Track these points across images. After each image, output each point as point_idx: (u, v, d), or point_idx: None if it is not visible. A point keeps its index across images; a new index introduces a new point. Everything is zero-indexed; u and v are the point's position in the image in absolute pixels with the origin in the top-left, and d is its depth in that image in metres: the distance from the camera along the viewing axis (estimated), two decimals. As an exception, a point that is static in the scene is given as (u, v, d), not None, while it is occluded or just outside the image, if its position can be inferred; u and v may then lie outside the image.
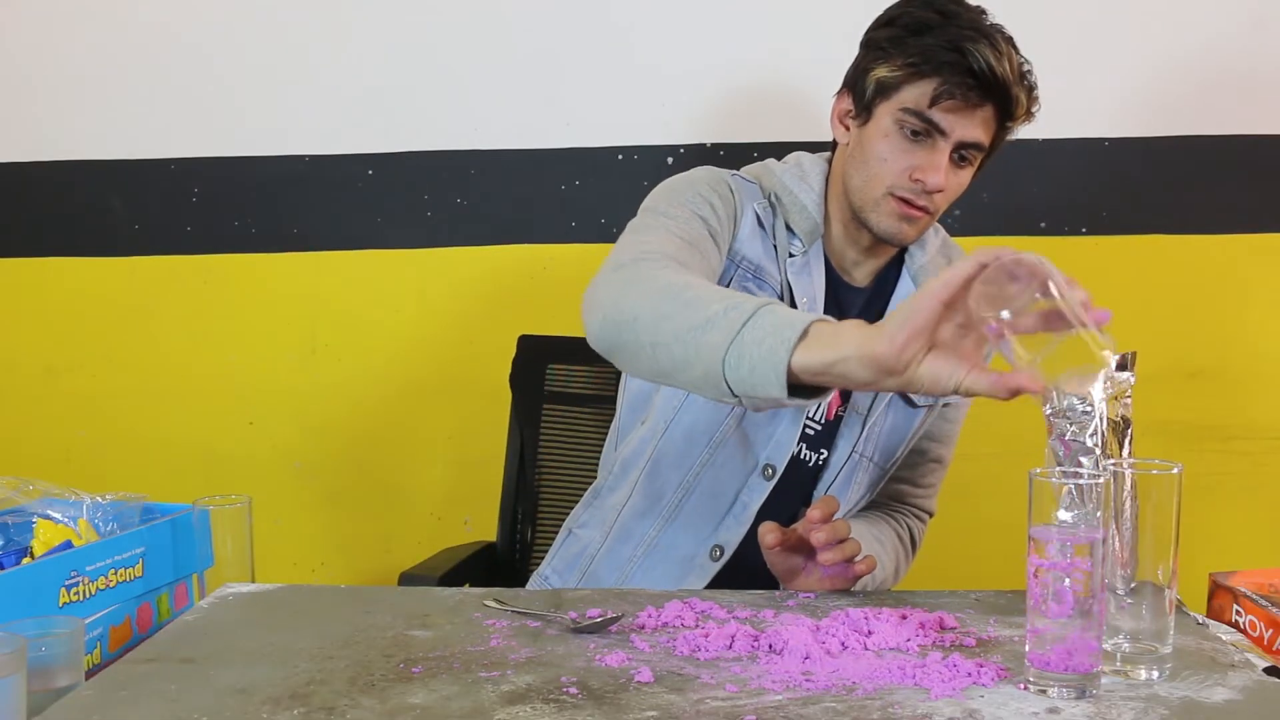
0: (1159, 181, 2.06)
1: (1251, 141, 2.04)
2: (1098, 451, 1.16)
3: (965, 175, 1.41)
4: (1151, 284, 2.07)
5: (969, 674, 1.02)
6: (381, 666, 1.06)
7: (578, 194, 2.10)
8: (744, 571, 1.44)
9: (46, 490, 1.34)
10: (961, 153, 1.38)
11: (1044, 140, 2.05)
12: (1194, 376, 2.08)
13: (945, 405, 1.54)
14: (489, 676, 1.04)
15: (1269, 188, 2.06)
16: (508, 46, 2.08)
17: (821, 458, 1.49)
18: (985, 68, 1.32)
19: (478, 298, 2.13)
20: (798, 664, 1.06)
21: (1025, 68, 1.38)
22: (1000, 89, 1.34)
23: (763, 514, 1.45)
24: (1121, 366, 1.19)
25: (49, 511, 1.29)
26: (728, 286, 1.43)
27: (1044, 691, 0.98)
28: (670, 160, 2.07)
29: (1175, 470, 1.02)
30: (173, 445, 2.18)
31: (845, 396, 1.47)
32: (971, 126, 1.36)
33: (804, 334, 1.05)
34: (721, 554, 1.47)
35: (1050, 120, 2.03)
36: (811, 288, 1.45)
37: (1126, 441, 1.18)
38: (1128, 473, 1.05)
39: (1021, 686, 1.00)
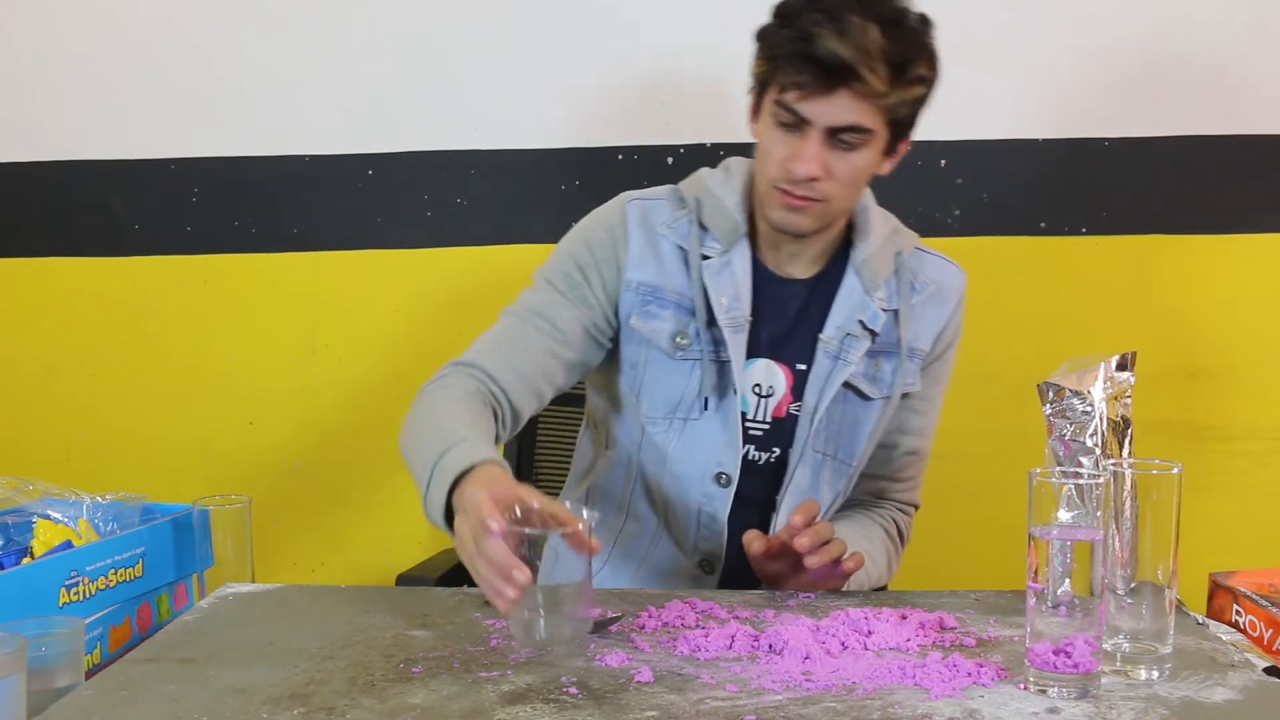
0: (1159, 181, 2.06)
1: (1251, 141, 2.04)
2: (1098, 451, 1.16)
3: (859, 158, 1.36)
4: (1151, 284, 2.07)
5: (969, 674, 1.02)
6: (381, 666, 1.06)
7: (578, 194, 2.10)
8: (735, 579, 1.45)
9: (46, 490, 1.34)
10: (841, 137, 1.34)
11: (1044, 140, 2.05)
12: (1194, 376, 2.08)
13: (905, 396, 1.51)
14: (489, 676, 1.04)
15: (1269, 188, 2.06)
16: (508, 46, 2.08)
17: (774, 456, 1.47)
18: (826, 51, 1.28)
19: (477, 298, 2.13)
20: (798, 664, 1.06)
21: (899, 42, 1.31)
22: (847, 71, 1.29)
23: (733, 519, 1.45)
24: (1121, 366, 1.19)
25: (49, 511, 1.29)
26: (628, 318, 1.44)
27: (1044, 691, 0.98)
28: (670, 160, 2.08)
29: (1175, 470, 1.02)
30: (173, 445, 2.18)
31: (796, 394, 1.46)
32: (837, 111, 1.32)
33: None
34: (712, 567, 1.47)
35: (1051, 120, 2.05)
36: (734, 286, 1.43)
37: (1126, 441, 1.18)
38: (1128, 473, 1.05)
39: (1021, 686, 1.00)
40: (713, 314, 1.42)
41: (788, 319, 1.46)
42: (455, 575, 1.66)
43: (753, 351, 1.45)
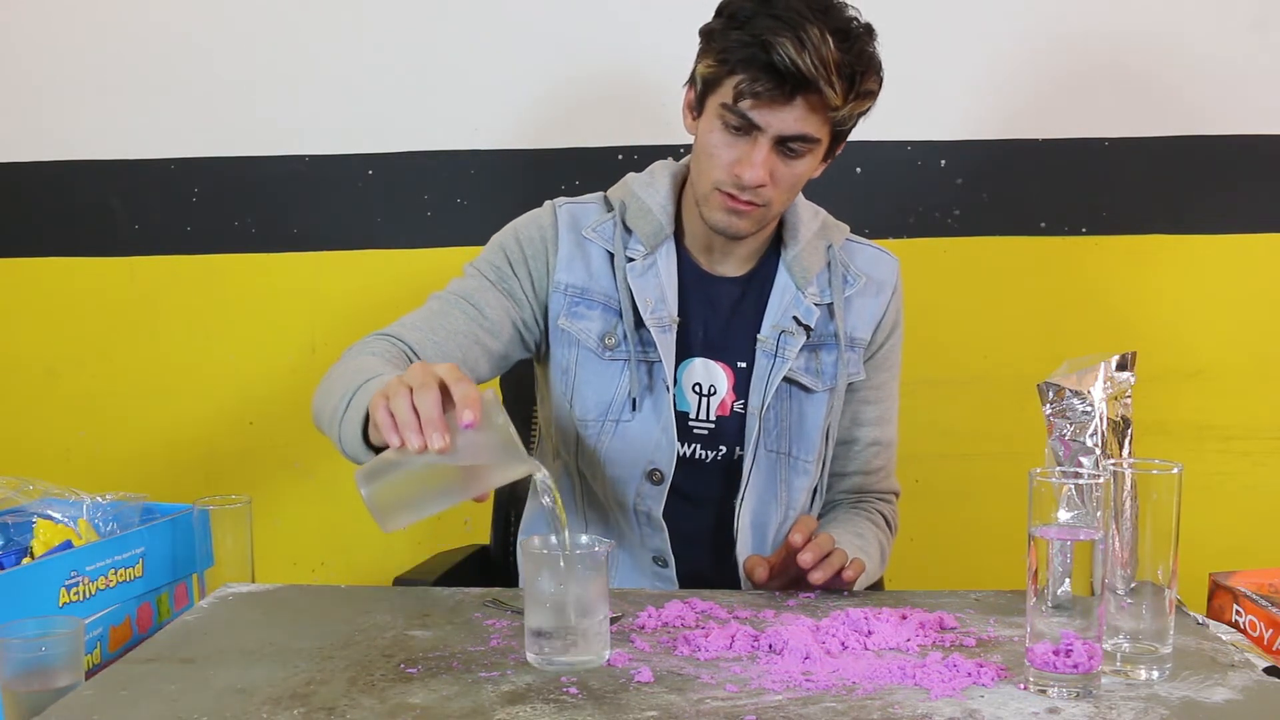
0: (1159, 181, 2.06)
1: (1251, 141, 2.04)
2: (1098, 451, 1.16)
3: (801, 165, 1.37)
4: (1151, 284, 2.07)
5: (969, 674, 1.02)
6: (381, 666, 1.06)
7: (577, 194, 2.10)
8: (694, 578, 1.45)
9: (46, 490, 1.34)
10: (789, 145, 1.34)
11: (1044, 140, 2.05)
12: (1194, 376, 2.08)
13: (854, 389, 1.51)
14: (489, 676, 1.04)
15: (1269, 188, 2.06)
16: (508, 46, 2.08)
17: (721, 454, 1.47)
18: (787, 62, 1.27)
19: (478, 298, 2.13)
20: (798, 664, 1.06)
21: (851, 55, 1.30)
22: (806, 83, 1.29)
23: (686, 520, 1.46)
24: (1121, 366, 1.19)
25: (49, 511, 1.29)
26: (557, 319, 1.46)
27: (1044, 691, 0.98)
28: (670, 160, 2.07)
29: (1175, 470, 1.02)
30: (173, 445, 2.18)
31: (739, 392, 1.46)
32: (788, 120, 1.32)
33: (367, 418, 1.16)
34: (666, 563, 1.47)
35: (1051, 120, 2.05)
36: (659, 288, 1.44)
37: (1126, 441, 1.18)
38: (1128, 473, 1.05)
39: (1021, 686, 1.00)
40: (640, 315, 1.43)
41: (722, 317, 1.47)
42: (449, 579, 1.65)
43: (689, 351, 1.46)
